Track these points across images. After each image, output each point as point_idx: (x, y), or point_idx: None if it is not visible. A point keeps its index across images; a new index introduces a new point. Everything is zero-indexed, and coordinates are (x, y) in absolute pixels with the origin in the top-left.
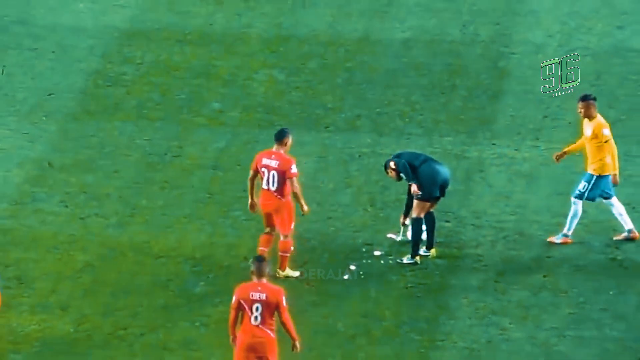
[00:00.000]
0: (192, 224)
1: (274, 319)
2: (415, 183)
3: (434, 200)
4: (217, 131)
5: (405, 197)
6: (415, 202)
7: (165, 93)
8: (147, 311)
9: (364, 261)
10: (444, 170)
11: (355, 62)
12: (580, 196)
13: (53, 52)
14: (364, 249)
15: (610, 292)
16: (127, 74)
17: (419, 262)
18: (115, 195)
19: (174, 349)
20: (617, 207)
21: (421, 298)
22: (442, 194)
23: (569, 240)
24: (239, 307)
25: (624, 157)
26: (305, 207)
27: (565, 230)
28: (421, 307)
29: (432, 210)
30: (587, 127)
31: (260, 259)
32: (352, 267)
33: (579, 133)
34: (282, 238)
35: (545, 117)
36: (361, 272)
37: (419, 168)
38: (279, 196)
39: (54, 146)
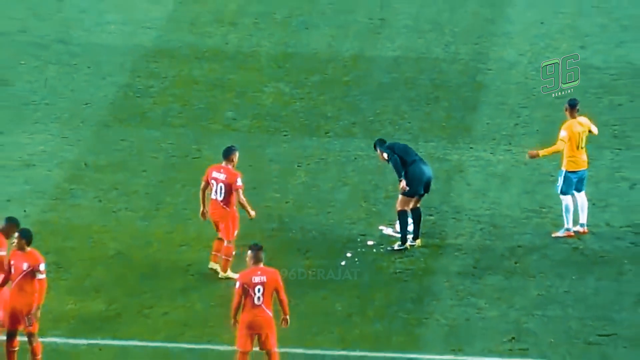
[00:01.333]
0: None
1: (272, 299)
2: (404, 179)
3: (418, 196)
4: (231, 136)
5: (395, 194)
6: (400, 197)
7: (186, 103)
8: (170, 293)
9: (358, 250)
10: (429, 170)
11: (352, 77)
12: (561, 192)
13: (88, 67)
14: (358, 239)
15: (573, 277)
16: (153, 86)
17: (408, 247)
18: (143, 191)
19: (193, 325)
20: (581, 201)
21: (408, 282)
22: (427, 191)
23: (572, 234)
24: (243, 292)
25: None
26: (252, 212)
27: (566, 225)
28: (408, 289)
29: (418, 205)
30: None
31: (257, 247)
32: (348, 255)
33: (546, 139)
34: (225, 243)
35: (517, 125)
36: (356, 259)
37: (408, 167)
38: (224, 206)
39: (90, 149)
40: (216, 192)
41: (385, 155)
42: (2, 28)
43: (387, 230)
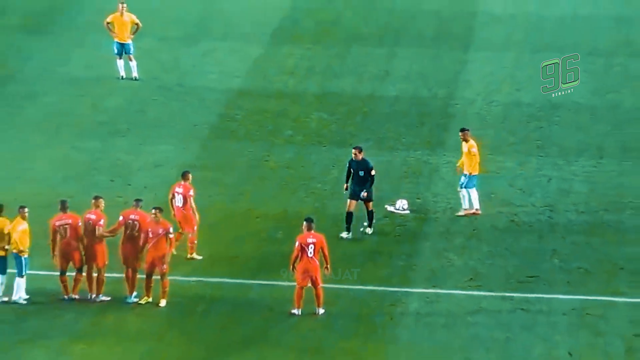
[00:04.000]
0: (274, 200)
1: (319, 253)
2: (370, 191)
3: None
4: (289, 148)
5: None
6: (371, 202)
7: (260, 125)
8: (249, 248)
9: (374, 222)
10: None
11: (367, 109)
12: (462, 186)
13: (197, 101)
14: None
15: (510, 240)
16: (238, 114)
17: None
18: (231, 182)
19: (264, 275)
20: (474, 195)
21: (404, 242)
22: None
23: (474, 212)
24: (301, 248)
25: (515, 166)
26: (197, 215)
27: (465, 206)
28: (404, 247)
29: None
30: (465, 147)
31: (310, 219)
32: (365, 224)
33: (495, 149)
34: (189, 235)
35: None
36: (369, 226)
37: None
38: (183, 210)
39: (197, 155)
40: (178, 201)
41: (373, 171)
42: (141, 76)
43: (390, 208)
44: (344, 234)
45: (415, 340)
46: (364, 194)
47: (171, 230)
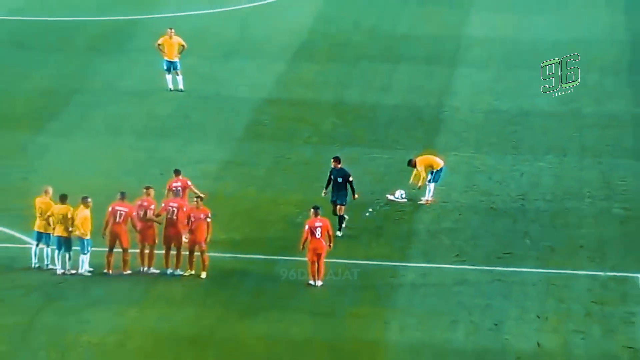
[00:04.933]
0: (295, 190)
1: (325, 235)
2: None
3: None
4: (307, 146)
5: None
6: (343, 207)
7: (284, 128)
8: (273, 233)
9: (376, 207)
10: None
11: (372, 115)
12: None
13: (232, 109)
14: (375, 201)
15: (489, 223)
16: (267, 119)
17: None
18: (260, 175)
19: (287, 252)
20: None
21: (402, 225)
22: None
23: (432, 201)
24: (309, 231)
25: (493, 162)
26: (202, 195)
27: (427, 196)
28: (402, 228)
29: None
30: (417, 169)
31: (316, 207)
32: (370, 210)
33: (478, 148)
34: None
35: (461, 141)
36: (374, 212)
37: None
38: (182, 199)
39: (233, 154)
40: (178, 192)
41: (351, 178)
42: (186, 88)
43: (391, 197)
44: (338, 233)
45: (410, 305)
46: (353, 197)
47: (209, 215)
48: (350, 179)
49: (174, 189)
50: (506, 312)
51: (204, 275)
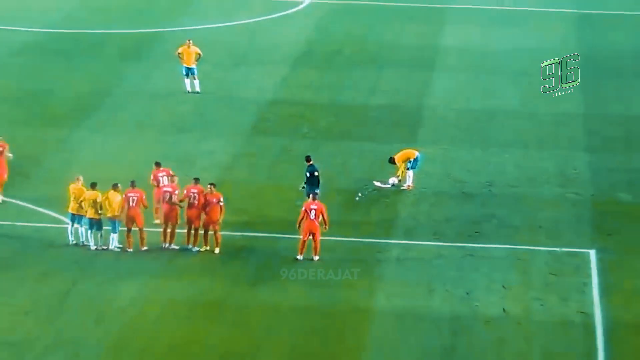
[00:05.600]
0: (296, 178)
1: (320, 217)
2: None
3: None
4: (306, 141)
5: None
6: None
7: (286, 125)
8: (276, 215)
9: (365, 192)
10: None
11: (362, 113)
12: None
13: (241, 108)
14: (364, 186)
15: (461, 206)
16: (270, 118)
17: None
18: (265, 165)
19: (289, 231)
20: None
21: (391, 207)
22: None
23: (412, 187)
24: (305, 212)
25: (465, 154)
26: (175, 177)
27: (408, 182)
28: (387, 210)
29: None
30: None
31: (315, 192)
32: (360, 194)
33: (453, 141)
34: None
35: (438, 136)
36: (363, 197)
37: None
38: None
39: (242, 147)
40: (164, 181)
41: (311, 163)
42: (202, 90)
43: (378, 184)
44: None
45: (395, 277)
46: (317, 191)
47: (222, 199)
48: (316, 174)
49: (159, 177)
50: (476, 282)
51: (217, 251)
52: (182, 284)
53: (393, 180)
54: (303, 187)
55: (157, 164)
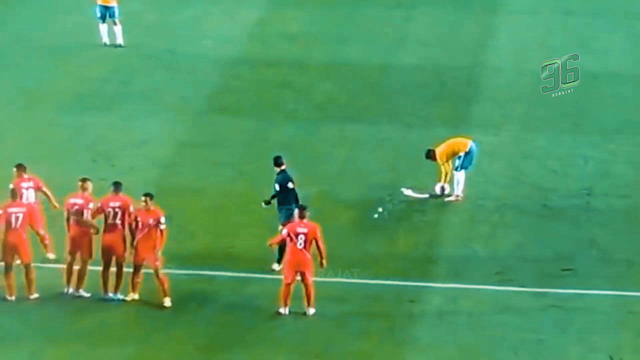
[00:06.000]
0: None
1: (312, 246)
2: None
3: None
4: (292, 122)
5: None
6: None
7: (260, 98)
8: (246, 234)
9: (388, 206)
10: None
11: (379, 79)
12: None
13: (189, 71)
14: (387, 198)
15: (541, 228)
16: (235, 86)
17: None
18: (227, 162)
19: (264, 268)
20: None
21: (423, 231)
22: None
23: (462, 198)
24: (288, 236)
25: (547, 144)
26: (57, 204)
27: (457, 191)
28: (423, 236)
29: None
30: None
31: (303, 207)
32: (380, 210)
33: (527, 124)
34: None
35: (503, 116)
36: (385, 213)
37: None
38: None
39: (190, 132)
40: (28, 196)
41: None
42: (127, 42)
43: (408, 192)
44: (276, 266)
45: (436, 341)
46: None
47: (162, 219)
48: (290, 185)
49: (23, 190)
50: (565, 350)
51: (167, 303)
52: (96, 355)
53: (439, 187)
54: (268, 204)
55: (20, 168)
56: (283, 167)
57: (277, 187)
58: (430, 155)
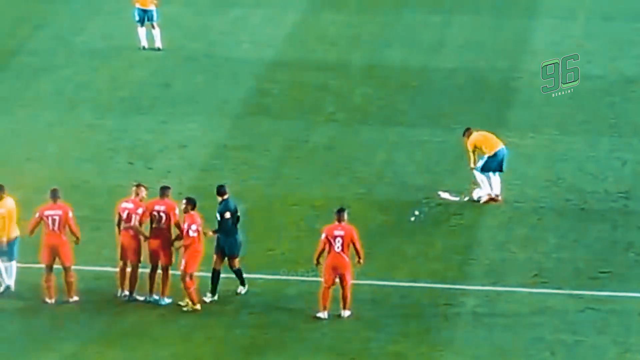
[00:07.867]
0: (313, 185)
1: (349, 248)
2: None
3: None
4: (331, 125)
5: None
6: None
7: (298, 101)
8: (283, 239)
9: (424, 208)
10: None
11: (419, 83)
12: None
13: (228, 74)
14: (423, 201)
15: (579, 231)
16: (274, 89)
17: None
18: (265, 165)
19: (303, 270)
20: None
21: (460, 233)
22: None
23: (499, 199)
24: (327, 241)
25: (584, 147)
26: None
27: (495, 190)
28: (460, 238)
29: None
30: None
31: (341, 209)
32: (416, 213)
33: (564, 127)
34: None
35: (540, 118)
36: (421, 216)
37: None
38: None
39: (229, 136)
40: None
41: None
42: (165, 46)
43: (444, 195)
44: (242, 289)
45: (472, 343)
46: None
47: (194, 227)
48: (227, 215)
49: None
50: (602, 352)
51: (198, 306)
52: (135, 356)
53: (479, 193)
54: (214, 233)
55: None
56: (226, 196)
57: (218, 217)
58: (465, 134)
